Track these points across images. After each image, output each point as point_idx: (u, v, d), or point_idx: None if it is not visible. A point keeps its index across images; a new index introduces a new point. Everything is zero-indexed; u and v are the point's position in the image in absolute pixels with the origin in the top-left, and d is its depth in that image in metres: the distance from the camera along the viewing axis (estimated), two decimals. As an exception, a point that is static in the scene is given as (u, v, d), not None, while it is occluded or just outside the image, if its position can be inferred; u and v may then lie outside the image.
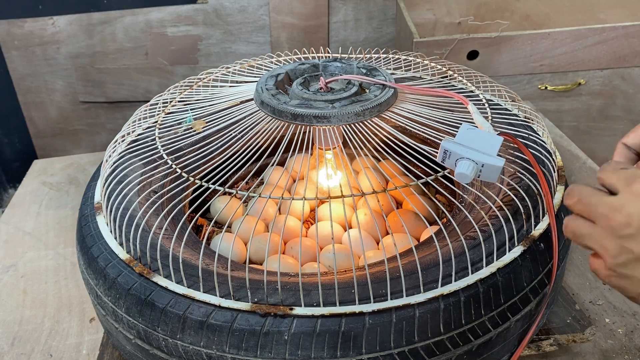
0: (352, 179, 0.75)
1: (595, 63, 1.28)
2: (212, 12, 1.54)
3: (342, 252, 0.65)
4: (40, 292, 0.79)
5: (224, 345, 0.47)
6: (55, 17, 1.51)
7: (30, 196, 1.03)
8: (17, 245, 0.89)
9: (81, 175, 1.10)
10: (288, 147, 0.60)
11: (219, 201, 0.77)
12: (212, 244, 0.70)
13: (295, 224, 0.72)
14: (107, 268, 0.54)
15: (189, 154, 0.63)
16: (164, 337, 0.49)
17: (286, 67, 0.71)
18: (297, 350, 0.46)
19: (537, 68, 1.28)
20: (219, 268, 0.51)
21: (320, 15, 1.55)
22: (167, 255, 0.52)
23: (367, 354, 0.47)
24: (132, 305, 0.51)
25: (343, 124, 0.60)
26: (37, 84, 1.60)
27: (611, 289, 0.75)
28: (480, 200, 0.61)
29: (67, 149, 1.70)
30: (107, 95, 1.62)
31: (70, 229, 0.92)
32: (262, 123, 0.62)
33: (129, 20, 1.53)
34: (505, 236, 0.52)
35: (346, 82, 0.66)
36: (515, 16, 1.35)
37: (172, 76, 1.59)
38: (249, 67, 0.80)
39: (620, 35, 1.24)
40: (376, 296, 0.48)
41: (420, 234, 0.70)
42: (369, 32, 1.60)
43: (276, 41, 1.58)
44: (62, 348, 0.70)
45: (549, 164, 0.60)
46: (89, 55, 1.57)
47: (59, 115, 1.65)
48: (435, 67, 0.78)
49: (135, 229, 0.55)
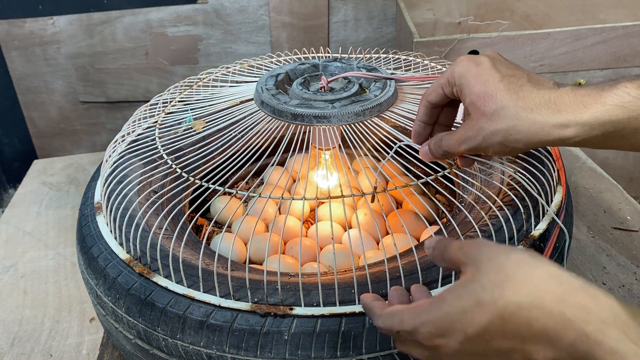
0: (352, 179, 0.75)
1: (595, 63, 1.28)
2: (212, 12, 1.54)
3: (342, 252, 0.65)
4: (40, 292, 0.79)
5: (224, 345, 0.47)
6: (55, 17, 1.51)
7: (30, 196, 1.03)
8: (17, 245, 0.89)
9: (81, 175, 1.10)
10: (288, 147, 0.60)
11: (219, 201, 0.77)
12: (212, 244, 0.70)
13: (295, 224, 0.72)
14: (107, 268, 0.54)
15: (189, 154, 0.63)
16: (164, 337, 0.49)
17: (286, 67, 0.71)
18: (297, 350, 0.46)
19: (537, 68, 1.28)
20: (219, 268, 0.51)
21: (320, 15, 1.55)
22: (167, 255, 0.52)
23: (367, 354, 0.47)
24: (132, 305, 0.51)
25: (343, 123, 0.60)
26: (37, 84, 1.60)
27: (611, 289, 0.75)
28: (480, 200, 0.61)
29: (67, 149, 1.71)
30: (107, 95, 1.62)
31: (70, 229, 0.92)
32: (262, 123, 0.62)
33: (129, 20, 1.53)
34: (505, 236, 0.52)
35: (346, 82, 0.66)
36: (515, 16, 1.35)
37: (172, 76, 1.59)
38: (249, 67, 0.80)
39: (620, 35, 1.24)
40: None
41: (420, 234, 0.70)
42: (369, 32, 1.60)
43: (276, 41, 1.58)
44: (62, 348, 0.70)
45: (549, 163, 0.60)
46: (89, 55, 1.57)
47: (59, 115, 1.65)
48: (435, 67, 0.78)
49: (135, 229, 0.55)
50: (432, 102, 0.52)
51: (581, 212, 0.90)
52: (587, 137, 0.42)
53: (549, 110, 0.43)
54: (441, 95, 0.50)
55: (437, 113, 0.53)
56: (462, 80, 0.47)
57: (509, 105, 0.44)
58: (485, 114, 0.45)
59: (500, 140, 0.45)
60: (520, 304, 0.33)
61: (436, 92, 0.51)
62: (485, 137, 0.46)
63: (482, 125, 0.46)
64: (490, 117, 0.45)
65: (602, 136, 0.42)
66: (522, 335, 0.33)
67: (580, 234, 0.85)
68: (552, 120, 0.43)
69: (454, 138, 0.49)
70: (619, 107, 0.41)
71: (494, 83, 0.45)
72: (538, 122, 0.43)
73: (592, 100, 0.42)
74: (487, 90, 0.45)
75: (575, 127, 0.42)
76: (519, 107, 0.44)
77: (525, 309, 0.33)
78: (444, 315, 0.36)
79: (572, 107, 0.42)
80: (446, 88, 0.49)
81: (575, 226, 0.86)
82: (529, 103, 0.44)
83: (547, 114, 0.43)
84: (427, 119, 0.53)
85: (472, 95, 0.46)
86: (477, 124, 0.46)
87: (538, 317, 0.32)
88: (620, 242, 0.83)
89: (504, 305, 0.34)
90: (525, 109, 0.44)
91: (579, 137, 0.42)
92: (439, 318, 0.36)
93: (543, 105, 0.43)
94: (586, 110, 0.42)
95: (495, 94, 0.45)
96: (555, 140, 0.43)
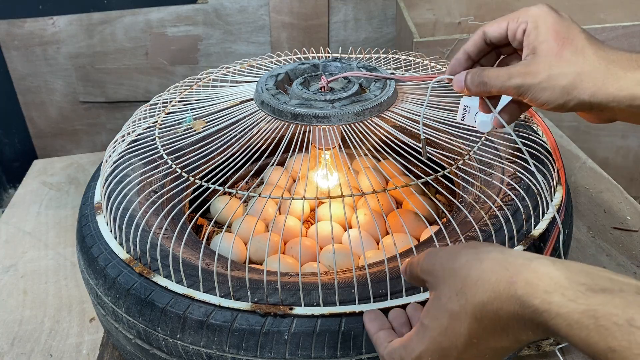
0: (352, 179, 0.75)
1: (595, 63, 1.28)
2: (212, 12, 1.54)
3: (342, 252, 0.65)
4: (40, 292, 0.79)
5: (224, 345, 0.47)
6: (55, 17, 1.51)
7: (30, 196, 1.03)
8: (17, 245, 0.89)
9: (81, 175, 1.10)
10: (288, 147, 0.60)
11: (219, 201, 0.77)
12: (212, 243, 0.70)
13: (295, 223, 0.72)
14: (107, 268, 0.54)
15: (189, 153, 0.63)
16: (164, 337, 0.49)
17: (286, 67, 0.71)
18: (297, 350, 0.46)
19: (537, 68, 1.28)
20: (219, 268, 0.51)
21: (320, 15, 1.55)
22: (167, 255, 0.52)
23: (367, 353, 0.47)
24: (132, 305, 0.51)
25: (343, 123, 0.60)
26: (37, 84, 1.60)
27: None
28: (480, 200, 0.61)
29: (67, 149, 1.71)
30: (107, 95, 1.62)
31: (70, 229, 0.92)
32: (262, 123, 0.62)
33: (129, 20, 1.53)
34: (505, 236, 0.52)
35: (346, 82, 0.66)
36: (515, 16, 1.35)
37: (172, 76, 1.59)
38: (249, 67, 0.80)
39: (620, 35, 1.24)
40: (376, 296, 0.48)
41: (420, 234, 0.70)
42: (369, 32, 1.60)
43: (276, 41, 1.58)
44: (62, 348, 0.70)
45: (549, 163, 0.60)
46: (89, 55, 1.57)
47: (59, 115, 1.65)
48: (435, 67, 0.78)
49: (135, 229, 0.55)
50: (488, 34, 0.49)
51: (581, 212, 0.90)
52: None
53: (630, 66, 0.43)
54: (502, 30, 0.48)
55: (485, 51, 0.51)
56: (539, 19, 0.45)
57: (589, 52, 0.43)
58: (562, 54, 0.44)
59: (566, 84, 0.44)
60: (483, 302, 0.35)
61: (499, 24, 0.48)
62: (552, 76, 0.44)
63: (553, 63, 0.44)
64: (566, 58, 0.44)
65: None
66: (500, 327, 0.35)
67: (580, 234, 0.85)
68: (631, 75, 0.42)
69: (503, 70, 0.46)
70: None
71: (575, 31, 0.45)
72: (616, 74, 0.42)
73: None
74: (569, 34, 0.44)
75: None
76: (599, 57, 0.43)
77: (489, 304, 0.35)
78: (431, 341, 0.38)
79: None
80: (512, 24, 0.47)
81: (575, 226, 0.86)
82: (611, 55, 0.43)
83: (627, 68, 0.43)
84: (474, 50, 0.50)
85: (550, 34, 0.45)
86: (545, 60, 0.44)
87: (502, 306, 0.34)
88: (620, 242, 0.83)
89: (472, 309, 0.35)
90: (606, 59, 0.43)
91: None
92: (430, 345, 0.38)
93: (624, 60, 0.43)
94: None
95: (576, 39, 0.44)
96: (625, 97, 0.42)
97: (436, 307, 0.38)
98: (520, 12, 0.47)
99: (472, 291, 0.35)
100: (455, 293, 0.37)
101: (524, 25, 0.47)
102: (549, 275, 0.33)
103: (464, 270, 0.37)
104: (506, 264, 0.35)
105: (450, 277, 0.38)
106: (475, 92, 0.49)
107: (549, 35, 0.45)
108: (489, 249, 0.37)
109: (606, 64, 0.43)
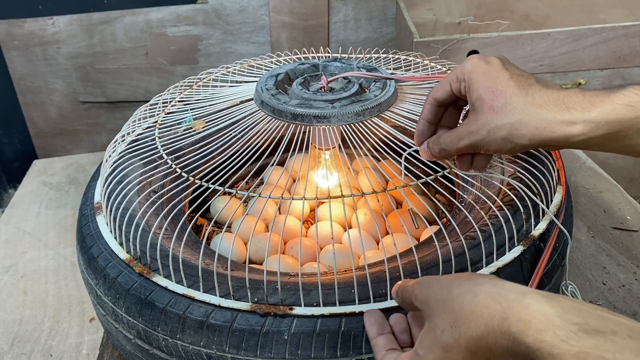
0: (352, 179, 0.75)
1: (595, 63, 1.28)
2: (212, 12, 1.54)
3: (342, 252, 0.65)
4: (40, 292, 0.79)
5: (224, 345, 0.47)
6: (55, 17, 1.51)
7: (30, 196, 1.03)
8: (17, 245, 0.89)
9: (81, 175, 1.10)
10: (288, 147, 0.60)
11: (219, 201, 0.77)
12: (212, 243, 0.70)
13: (295, 223, 0.72)
14: (107, 268, 0.54)
15: (189, 154, 0.63)
16: (163, 337, 0.49)
17: (286, 67, 0.71)
18: (297, 350, 0.46)
19: (537, 68, 1.28)
20: (219, 268, 0.51)
21: (320, 15, 1.55)
22: (167, 255, 0.52)
23: (367, 353, 0.47)
24: (132, 305, 0.51)
25: (343, 123, 0.60)
26: (37, 84, 1.60)
27: (611, 289, 0.75)
28: (480, 200, 0.61)
29: (67, 149, 1.71)
30: (107, 95, 1.62)
31: (70, 229, 0.92)
32: (262, 123, 0.62)
33: (129, 20, 1.53)
34: (505, 236, 0.52)
35: (346, 82, 0.66)
36: (515, 16, 1.35)
37: (172, 76, 1.59)
38: (249, 67, 0.80)
39: (620, 35, 1.24)
40: (376, 296, 0.48)
41: (420, 234, 0.70)
42: (369, 32, 1.60)
43: (276, 41, 1.58)
44: (62, 348, 0.70)
45: (549, 164, 0.60)
46: (89, 55, 1.57)
47: (59, 115, 1.65)
48: (435, 67, 0.78)
49: (135, 229, 0.55)
50: (438, 99, 0.51)
51: (581, 212, 0.90)
52: (592, 135, 0.43)
53: (557, 107, 0.44)
54: (448, 92, 0.50)
55: (441, 112, 0.53)
56: (471, 75, 0.47)
57: (517, 100, 0.45)
58: (493, 107, 0.45)
59: (504, 135, 0.45)
60: (477, 337, 0.35)
61: (443, 88, 0.51)
62: (490, 130, 0.46)
63: (488, 119, 0.46)
64: (497, 111, 0.45)
65: (606, 136, 0.43)
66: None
67: (580, 234, 0.85)
68: (559, 116, 0.43)
69: (453, 134, 0.49)
70: (627, 106, 0.42)
71: (503, 80, 0.46)
72: (545, 118, 0.44)
73: (600, 99, 0.42)
74: (497, 85, 0.46)
75: (581, 125, 0.42)
76: (527, 103, 0.44)
77: (482, 338, 0.35)
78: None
79: (581, 105, 0.43)
80: (454, 84, 0.49)
81: (575, 226, 0.86)
82: (538, 100, 0.44)
83: (555, 110, 0.44)
84: (431, 117, 0.53)
85: (480, 90, 0.46)
86: (482, 117, 0.46)
87: (495, 341, 0.34)
88: (620, 242, 0.83)
89: (465, 342, 0.36)
90: (534, 105, 0.44)
91: (584, 135, 0.43)
92: None
93: (551, 102, 0.44)
94: (594, 109, 0.42)
95: (504, 89, 0.45)
96: (559, 137, 0.44)
97: (430, 339, 0.39)
98: (457, 70, 0.49)
99: (465, 325, 0.36)
100: (449, 326, 0.37)
101: (464, 83, 0.49)
102: (541, 312, 0.33)
103: (457, 304, 0.37)
104: (499, 298, 0.35)
105: (444, 310, 0.38)
106: (441, 157, 0.52)
107: (480, 91, 0.46)
108: (482, 280, 0.38)
109: (535, 109, 0.44)
